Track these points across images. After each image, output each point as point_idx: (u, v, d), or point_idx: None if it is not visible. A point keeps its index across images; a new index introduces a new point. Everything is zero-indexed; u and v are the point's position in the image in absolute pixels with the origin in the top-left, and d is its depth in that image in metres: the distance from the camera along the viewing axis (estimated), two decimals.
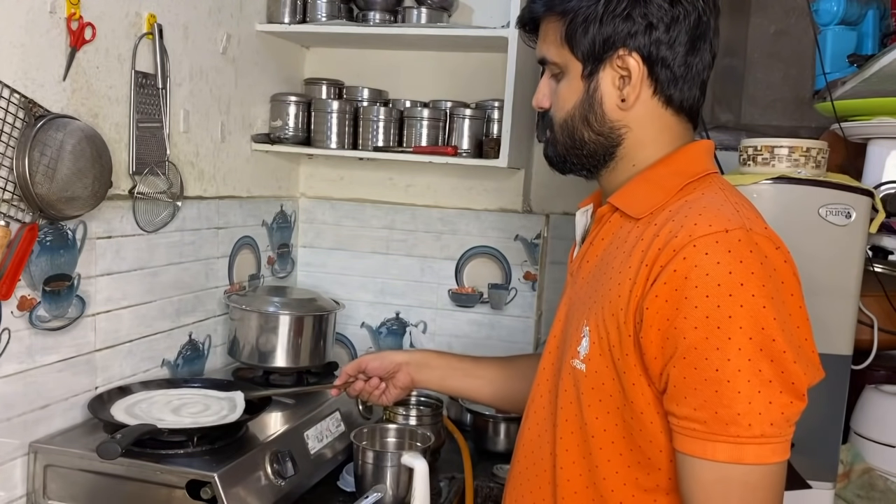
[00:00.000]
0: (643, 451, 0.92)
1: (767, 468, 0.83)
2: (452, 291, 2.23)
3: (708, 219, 0.86)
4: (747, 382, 0.81)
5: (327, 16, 2.01)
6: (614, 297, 0.91)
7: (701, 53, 0.97)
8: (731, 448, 0.82)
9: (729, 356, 0.81)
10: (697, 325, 0.83)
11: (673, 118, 1.00)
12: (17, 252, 1.29)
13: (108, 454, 1.25)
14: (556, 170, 1.08)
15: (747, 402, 0.81)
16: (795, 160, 1.31)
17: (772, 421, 0.82)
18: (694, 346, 0.83)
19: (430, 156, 1.96)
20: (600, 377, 0.93)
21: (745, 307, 0.82)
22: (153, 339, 1.70)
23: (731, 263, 0.83)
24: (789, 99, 1.89)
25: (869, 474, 1.36)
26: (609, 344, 0.92)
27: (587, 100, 0.98)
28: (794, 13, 1.87)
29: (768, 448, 0.82)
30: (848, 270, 1.29)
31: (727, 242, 0.84)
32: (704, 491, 0.85)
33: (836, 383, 1.31)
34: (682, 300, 0.84)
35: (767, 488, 0.84)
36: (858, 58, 1.43)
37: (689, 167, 0.98)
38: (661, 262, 0.86)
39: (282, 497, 1.44)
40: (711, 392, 0.82)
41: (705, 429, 0.83)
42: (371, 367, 1.39)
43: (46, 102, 1.35)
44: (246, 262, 2.06)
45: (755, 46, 1.90)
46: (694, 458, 0.85)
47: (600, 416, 0.94)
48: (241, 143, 2.00)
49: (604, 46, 0.95)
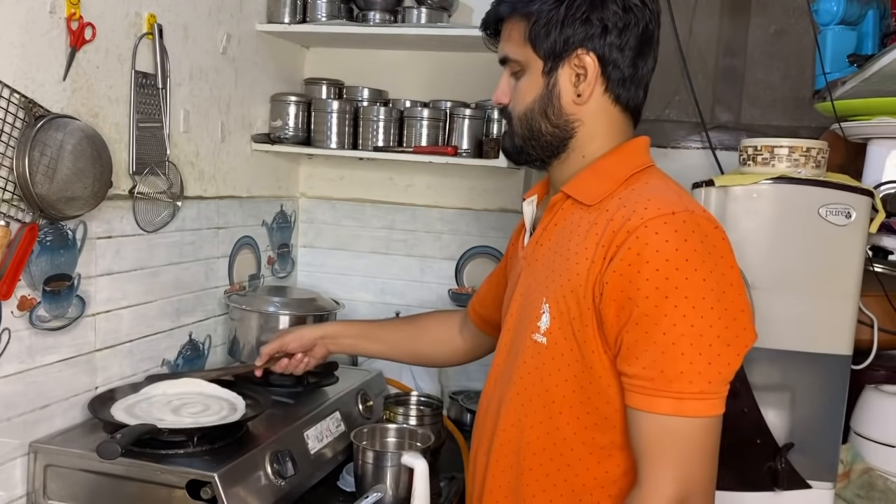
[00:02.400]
0: (600, 411, 1.02)
1: (705, 421, 0.94)
2: (452, 291, 2.23)
3: (656, 203, 0.97)
4: (690, 345, 0.92)
5: (327, 16, 2.01)
6: (573, 275, 1.02)
7: (646, 58, 1.09)
8: (674, 402, 0.93)
9: (675, 322, 0.92)
10: (648, 294, 0.94)
11: (620, 115, 1.11)
12: (18, 252, 1.29)
13: (109, 454, 1.25)
14: (513, 160, 1.19)
15: (689, 362, 0.92)
16: (795, 160, 1.31)
17: (710, 379, 0.93)
18: (645, 314, 0.94)
19: (430, 156, 1.96)
20: (560, 348, 1.04)
21: (689, 279, 0.92)
22: (153, 339, 1.70)
23: (677, 241, 0.94)
24: (789, 99, 1.89)
25: (869, 474, 1.36)
26: (569, 317, 1.02)
27: (546, 94, 1.09)
28: (794, 13, 1.86)
29: (706, 403, 0.93)
30: (848, 270, 1.29)
31: (674, 223, 0.95)
32: (650, 441, 0.95)
33: (836, 383, 1.31)
34: (635, 274, 0.94)
35: (704, 438, 0.95)
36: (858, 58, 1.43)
37: (633, 160, 1.09)
38: (617, 241, 0.97)
39: (282, 497, 1.44)
40: (659, 353, 0.93)
41: (652, 385, 0.94)
42: (292, 346, 1.57)
43: (46, 102, 1.35)
44: (246, 262, 2.06)
45: (755, 46, 1.89)
46: (642, 412, 0.96)
47: (560, 384, 1.04)
48: (241, 143, 2.00)
49: (564, 46, 1.06)
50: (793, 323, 1.29)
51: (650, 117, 1.97)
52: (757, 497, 1.32)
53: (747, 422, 1.31)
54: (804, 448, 1.31)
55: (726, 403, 0.96)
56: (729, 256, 0.97)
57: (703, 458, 0.95)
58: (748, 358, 1.29)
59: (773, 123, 1.91)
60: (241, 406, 1.55)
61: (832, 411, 1.32)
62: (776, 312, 1.29)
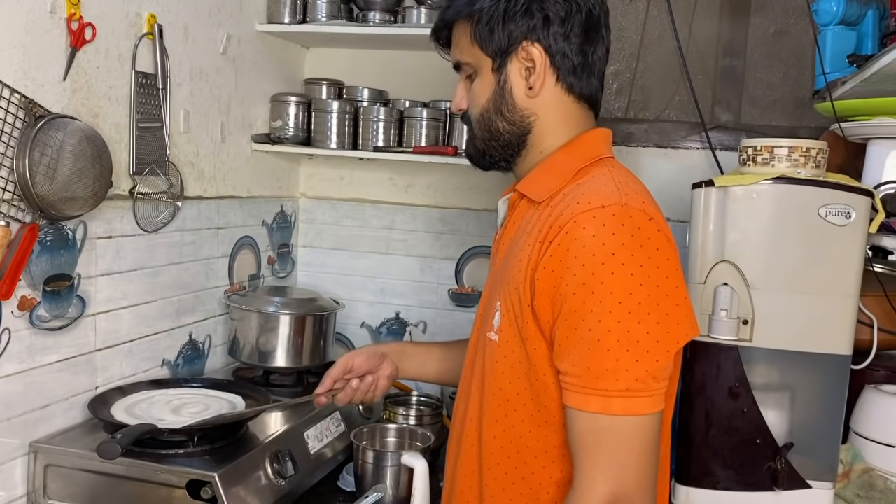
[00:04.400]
0: (548, 410, 1.00)
1: (635, 419, 0.92)
2: (452, 291, 2.23)
3: (588, 197, 0.97)
4: (616, 342, 0.90)
5: (327, 16, 2.01)
6: (517, 272, 1.01)
7: (594, 44, 1.08)
8: (601, 400, 0.92)
9: (600, 318, 0.91)
10: (576, 290, 0.92)
11: (574, 105, 1.09)
12: (18, 252, 1.29)
13: (109, 454, 1.25)
14: (478, 166, 1.18)
15: (615, 359, 0.90)
16: (795, 160, 1.31)
17: (637, 377, 0.91)
18: (573, 310, 0.93)
19: (430, 156, 1.97)
20: (510, 346, 1.03)
21: (615, 274, 0.91)
22: (153, 339, 1.70)
23: (604, 236, 0.92)
24: (789, 99, 1.89)
25: (869, 474, 1.36)
26: (514, 314, 1.01)
27: (499, 91, 1.08)
28: (794, 13, 1.86)
29: (635, 401, 0.91)
30: (848, 270, 1.29)
31: (602, 217, 0.93)
32: (581, 439, 0.94)
33: (836, 383, 1.31)
34: (564, 269, 0.94)
35: (636, 437, 0.92)
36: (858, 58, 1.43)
37: (585, 152, 1.08)
38: (550, 237, 0.96)
39: (282, 497, 1.44)
40: (585, 350, 0.92)
41: (580, 383, 0.93)
42: (357, 363, 1.34)
43: (47, 102, 1.35)
44: (246, 262, 2.06)
45: (755, 46, 1.90)
46: (574, 410, 0.94)
47: (513, 381, 1.03)
48: (241, 143, 2.00)
49: (509, 41, 1.06)
50: (793, 323, 1.29)
51: (650, 117, 1.98)
52: (757, 497, 1.32)
53: (747, 422, 1.31)
54: (804, 448, 1.31)
55: (726, 403, 0.94)
56: (665, 248, 0.94)
57: (637, 457, 0.93)
58: (748, 358, 1.30)
59: (773, 123, 1.91)
60: (240, 406, 1.55)
61: (832, 411, 1.32)
62: (776, 312, 1.29)
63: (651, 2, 1.94)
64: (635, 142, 1.99)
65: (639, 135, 1.99)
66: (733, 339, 1.30)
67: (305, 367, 1.90)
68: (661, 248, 0.94)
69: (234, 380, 1.81)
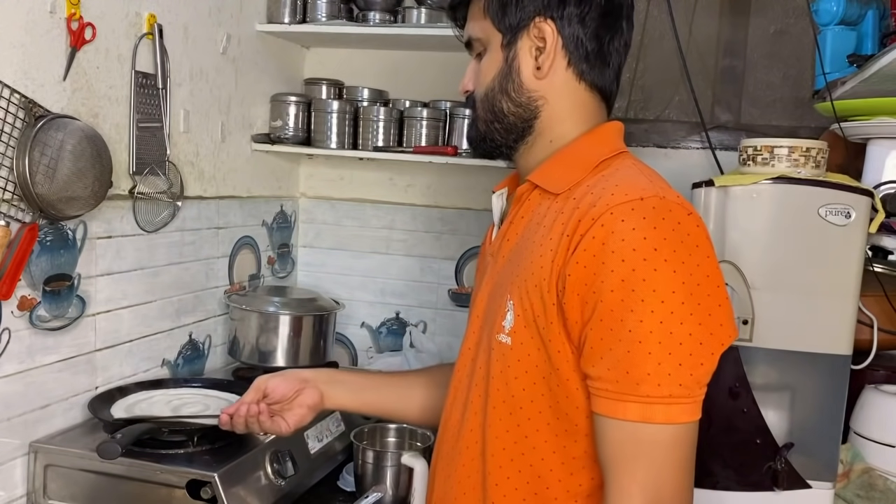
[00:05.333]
0: (570, 418, 0.93)
1: (676, 428, 0.85)
2: (452, 291, 2.23)
3: (624, 189, 0.90)
4: (658, 344, 0.83)
5: (327, 16, 2.01)
6: (536, 269, 0.94)
7: (612, 32, 1.02)
8: (641, 407, 0.84)
9: (641, 318, 0.84)
10: (614, 287, 0.85)
11: (587, 94, 1.03)
12: (18, 252, 1.29)
13: (109, 454, 1.25)
14: (479, 151, 1.12)
15: (657, 363, 0.83)
16: (795, 160, 1.31)
17: (681, 382, 0.84)
18: (610, 309, 0.85)
19: (430, 156, 1.97)
20: (526, 348, 0.95)
21: (658, 271, 0.84)
22: (153, 339, 1.70)
23: (645, 229, 0.85)
24: (789, 99, 1.89)
25: (869, 474, 1.36)
26: (533, 315, 0.93)
27: (506, 69, 1.02)
28: (794, 13, 1.86)
29: (677, 408, 0.85)
30: (848, 270, 1.29)
31: (642, 210, 0.87)
32: (616, 450, 0.87)
33: (836, 383, 1.31)
34: (599, 265, 0.86)
35: (676, 448, 0.86)
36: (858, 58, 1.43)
37: (604, 146, 1.01)
38: (581, 230, 0.89)
39: (282, 497, 1.44)
40: (624, 352, 0.84)
41: (617, 388, 0.85)
42: (272, 385, 1.21)
43: (47, 102, 1.35)
44: (246, 262, 2.06)
45: (755, 46, 1.90)
46: (606, 418, 0.87)
47: (527, 387, 0.95)
48: (241, 143, 2.00)
49: (521, 15, 1.00)
50: (793, 323, 1.29)
51: (650, 117, 1.98)
52: (757, 497, 1.32)
53: (747, 422, 1.31)
54: (804, 448, 1.30)
55: (726, 403, 0.91)
56: (705, 245, 0.88)
57: (676, 470, 0.86)
58: (748, 358, 1.30)
59: (773, 123, 1.91)
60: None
61: (832, 411, 1.32)
62: (776, 312, 1.29)
63: (651, 2, 1.94)
64: (635, 142, 1.99)
65: (639, 135, 1.99)
66: None
67: (305, 367, 1.90)
68: (702, 244, 0.88)
69: (234, 380, 1.81)
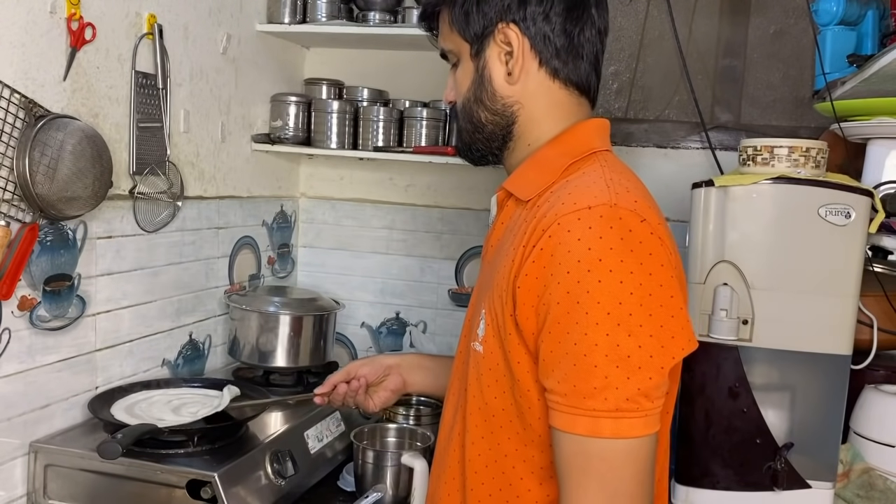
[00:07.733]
0: (534, 428, 0.93)
1: (627, 442, 0.83)
2: (452, 291, 2.23)
3: (574, 197, 0.88)
4: (605, 357, 0.81)
5: (327, 16, 2.01)
6: (500, 278, 0.93)
7: (581, 24, 1.00)
8: (589, 421, 0.83)
9: (586, 331, 0.82)
10: (560, 300, 0.84)
11: (563, 92, 1.01)
12: (18, 252, 1.29)
13: (109, 454, 1.25)
14: (468, 160, 1.10)
15: (604, 376, 0.82)
16: (795, 160, 1.31)
17: (628, 396, 0.82)
18: (557, 321, 0.84)
19: (430, 156, 1.97)
20: (495, 357, 0.94)
21: (602, 282, 0.82)
22: (153, 339, 1.70)
23: (591, 239, 0.84)
24: (789, 99, 1.89)
25: (869, 474, 1.36)
26: (497, 325, 0.93)
27: (478, 79, 1.02)
28: (794, 13, 1.87)
29: (626, 422, 0.82)
30: (847, 270, 1.29)
31: (589, 219, 0.85)
32: (568, 463, 0.85)
33: (836, 383, 1.31)
34: (548, 276, 0.85)
35: (629, 462, 0.84)
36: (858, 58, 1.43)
37: (576, 146, 0.99)
38: (533, 241, 0.88)
39: (282, 497, 1.44)
40: (571, 366, 0.83)
41: (566, 402, 0.84)
42: (361, 371, 1.33)
43: (47, 102, 1.35)
44: (246, 262, 2.06)
45: (755, 46, 1.90)
46: (558, 431, 0.86)
47: (498, 396, 0.95)
48: (241, 143, 2.00)
49: (483, 23, 0.99)
50: (793, 323, 1.29)
51: (650, 117, 1.98)
52: (757, 497, 1.32)
53: (747, 422, 1.31)
54: (804, 448, 1.31)
55: (726, 403, 0.89)
56: (659, 253, 0.85)
57: (630, 484, 0.84)
58: (748, 358, 1.30)
59: (773, 123, 1.91)
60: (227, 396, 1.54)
61: (832, 411, 1.32)
62: (776, 312, 1.29)
63: (651, 2, 1.94)
64: (635, 142, 1.99)
65: (639, 135, 1.99)
66: (733, 339, 1.30)
67: (305, 367, 1.90)
68: (655, 252, 0.85)
69: (234, 380, 1.81)
